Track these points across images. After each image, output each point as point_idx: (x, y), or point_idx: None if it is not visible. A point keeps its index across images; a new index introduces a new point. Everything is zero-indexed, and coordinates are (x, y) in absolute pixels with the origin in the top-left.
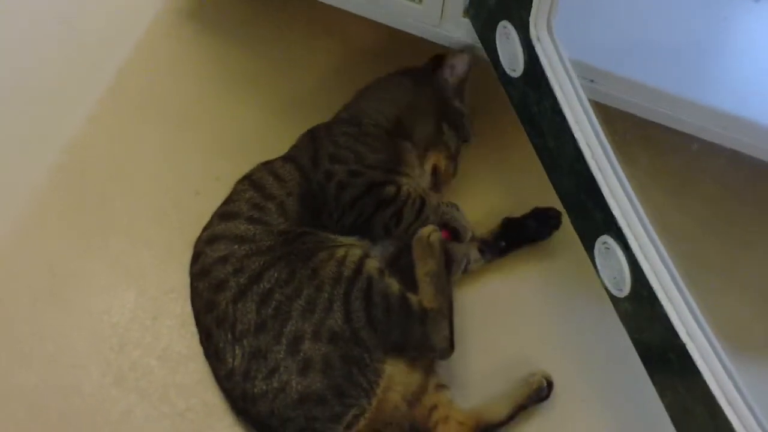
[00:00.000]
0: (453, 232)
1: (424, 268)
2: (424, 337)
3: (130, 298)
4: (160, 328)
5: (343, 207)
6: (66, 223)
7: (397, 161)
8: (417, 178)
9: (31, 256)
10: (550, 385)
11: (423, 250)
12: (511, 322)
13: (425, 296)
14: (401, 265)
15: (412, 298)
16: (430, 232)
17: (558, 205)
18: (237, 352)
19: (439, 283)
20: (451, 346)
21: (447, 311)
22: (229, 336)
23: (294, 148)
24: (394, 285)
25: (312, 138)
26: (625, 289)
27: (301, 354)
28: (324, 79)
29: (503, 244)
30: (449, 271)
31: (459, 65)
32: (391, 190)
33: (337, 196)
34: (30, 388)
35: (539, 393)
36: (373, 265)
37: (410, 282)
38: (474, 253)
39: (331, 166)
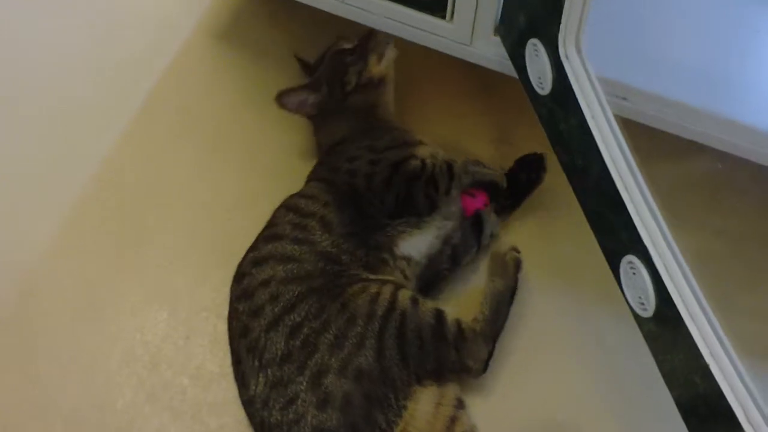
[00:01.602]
0: (489, 187)
1: (492, 286)
2: (459, 358)
3: (163, 316)
4: (193, 347)
5: (381, 193)
6: (101, 242)
7: (404, 134)
8: (432, 144)
9: (67, 274)
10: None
11: (497, 267)
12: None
13: (475, 316)
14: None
15: (449, 320)
16: (508, 250)
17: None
18: (260, 379)
19: (499, 307)
20: (484, 368)
21: (491, 336)
22: (256, 363)
23: (310, 173)
24: (428, 312)
25: (320, 161)
26: (649, 309)
27: (323, 388)
28: None
29: (508, 201)
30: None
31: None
32: (415, 163)
33: (369, 187)
34: (66, 404)
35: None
36: (406, 296)
37: None
38: (494, 217)
39: (351, 165)
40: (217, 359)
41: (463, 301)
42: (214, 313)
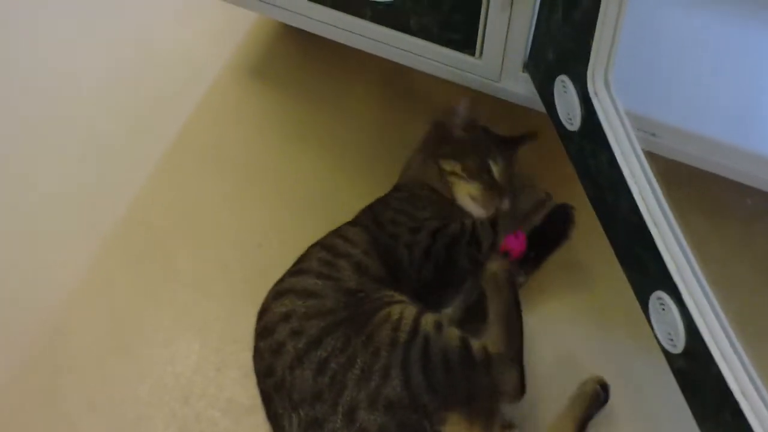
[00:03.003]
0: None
1: (495, 308)
2: (491, 384)
3: (194, 349)
4: (224, 380)
5: (419, 264)
6: (132, 274)
7: (450, 211)
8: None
9: (97, 311)
10: (605, 387)
11: (491, 289)
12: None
13: (491, 340)
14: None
15: (475, 345)
16: (496, 268)
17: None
18: (294, 420)
19: (508, 324)
20: (522, 390)
21: (515, 355)
22: (287, 403)
23: (357, 216)
24: (453, 337)
25: (370, 207)
26: (679, 345)
27: (357, 425)
28: (385, 133)
29: (532, 254)
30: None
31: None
32: (455, 226)
33: (410, 257)
34: None
35: (597, 399)
36: (429, 320)
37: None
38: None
39: (394, 228)
40: (249, 392)
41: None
42: (245, 344)
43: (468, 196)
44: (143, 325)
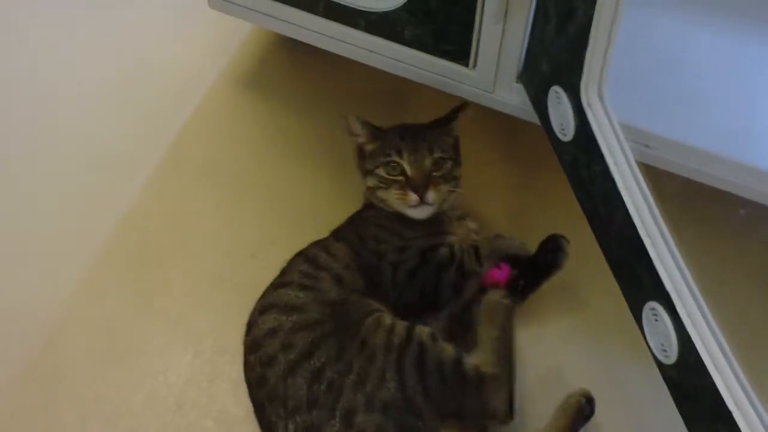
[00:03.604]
0: (512, 258)
1: (490, 333)
2: (481, 403)
3: (187, 359)
4: (216, 390)
5: (401, 285)
6: (125, 285)
7: (437, 226)
8: (458, 232)
9: (90, 322)
10: (590, 400)
11: (491, 313)
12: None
13: (485, 361)
14: (455, 333)
15: (468, 363)
16: (500, 297)
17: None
18: (290, 427)
19: (502, 349)
20: (511, 414)
21: (507, 377)
22: (281, 411)
23: (339, 228)
24: (448, 350)
25: (352, 220)
26: (672, 356)
27: (355, 427)
28: None
29: (522, 282)
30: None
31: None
32: (444, 251)
33: (393, 277)
34: None
35: (581, 412)
36: (424, 331)
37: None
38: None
39: (377, 246)
40: (241, 402)
41: None
42: (237, 356)
43: (395, 202)
44: (136, 336)
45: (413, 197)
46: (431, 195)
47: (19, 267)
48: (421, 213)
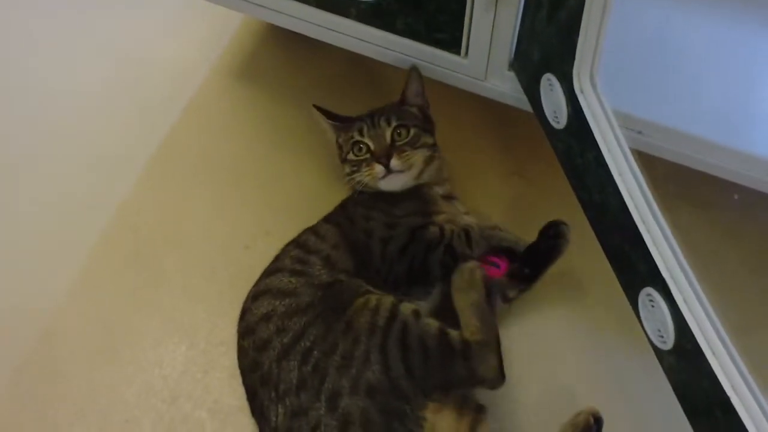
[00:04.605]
0: (507, 252)
1: (467, 300)
2: (470, 371)
3: (182, 351)
4: (211, 381)
5: (390, 260)
6: (119, 278)
7: (425, 204)
8: (446, 209)
9: (85, 316)
10: (598, 421)
11: (463, 282)
12: (556, 362)
13: (468, 328)
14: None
15: (452, 333)
16: (472, 266)
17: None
18: (280, 410)
19: (482, 314)
20: (502, 376)
21: (493, 341)
22: (273, 395)
23: (330, 213)
24: (431, 324)
25: (340, 205)
26: (669, 342)
27: (340, 410)
28: None
29: (527, 270)
30: (491, 302)
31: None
32: (434, 230)
33: (382, 252)
34: None
35: (588, 430)
36: (407, 308)
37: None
38: (509, 286)
39: (366, 223)
40: (236, 393)
41: None
42: (231, 347)
43: (368, 180)
44: (131, 328)
45: (378, 168)
46: (395, 162)
47: (13, 263)
48: (393, 183)
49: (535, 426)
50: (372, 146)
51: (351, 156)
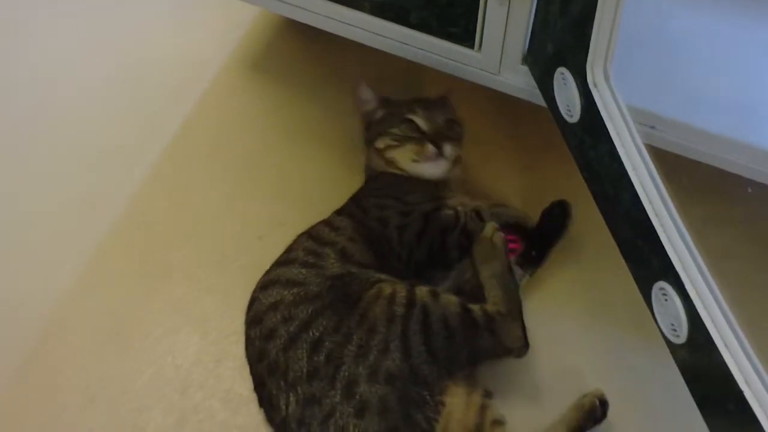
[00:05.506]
0: (515, 228)
1: (489, 270)
2: (496, 343)
3: (194, 341)
4: (223, 371)
5: (410, 246)
6: (131, 268)
7: (434, 190)
8: (457, 194)
9: (99, 301)
10: (604, 404)
11: (487, 252)
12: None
13: (492, 300)
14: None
15: (475, 308)
16: (492, 232)
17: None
18: (291, 399)
19: (505, 284)
20: (526, 344)
21: (516, 311)
22: (282, 383)
23: (343, 205)
24: (452, 302)
25: (354, 196)
26: (682, 335)
27: (357, 397)
28: None
29: (534, 253)
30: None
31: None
32: (448, 212)
33: (400, 240)
34: (97, 431)
35: (593, 414)
36: (423, 290)
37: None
38: (517, 269)
39: (381, 212)
40: (247, 382)
41: None
42: (243, 336)
43: (410, 161)
44: (143, 318)
45: (431, 148)
46: (448, 148)
47: (25, 253)
48: (436, 168)
49: (542, 409)
50: (425, 127)
51: (395, 131)
